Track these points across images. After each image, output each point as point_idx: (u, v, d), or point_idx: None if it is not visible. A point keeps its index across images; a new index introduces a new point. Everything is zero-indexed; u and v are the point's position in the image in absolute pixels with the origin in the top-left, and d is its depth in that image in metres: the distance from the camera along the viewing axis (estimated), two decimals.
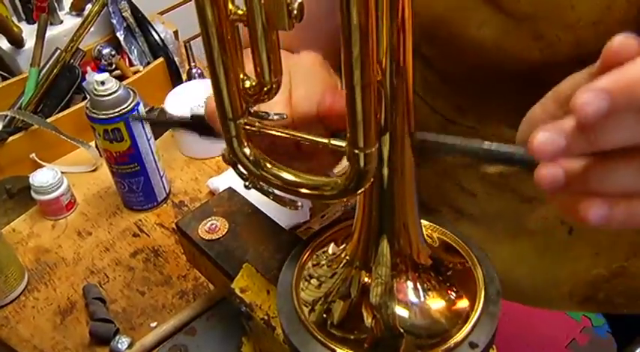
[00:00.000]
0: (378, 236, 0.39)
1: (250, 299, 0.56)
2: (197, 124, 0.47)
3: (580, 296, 0.71)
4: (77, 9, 1.05)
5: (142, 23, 1.08)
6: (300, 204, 0.39)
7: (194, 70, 1.11)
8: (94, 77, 0.78)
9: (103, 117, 0.79)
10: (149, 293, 0.79)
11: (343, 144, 0.34)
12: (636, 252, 0.66)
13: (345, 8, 0.29)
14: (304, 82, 0.39)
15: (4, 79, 1.04)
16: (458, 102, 0.26)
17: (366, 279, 0.40)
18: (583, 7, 0.46)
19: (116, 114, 0.79)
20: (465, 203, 0.68)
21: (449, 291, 0.43)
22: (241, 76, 0.34)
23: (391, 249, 0.39)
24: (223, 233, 0.64)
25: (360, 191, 0.35)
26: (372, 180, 0.35)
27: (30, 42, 1.03)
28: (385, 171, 0.36)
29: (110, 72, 1.06)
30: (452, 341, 0.41)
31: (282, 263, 0.57)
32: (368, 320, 0.40)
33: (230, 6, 0.31)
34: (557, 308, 0.73)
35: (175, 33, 1.17)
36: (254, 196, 0.69)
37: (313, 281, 0.42)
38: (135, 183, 0.87)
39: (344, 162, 0.35)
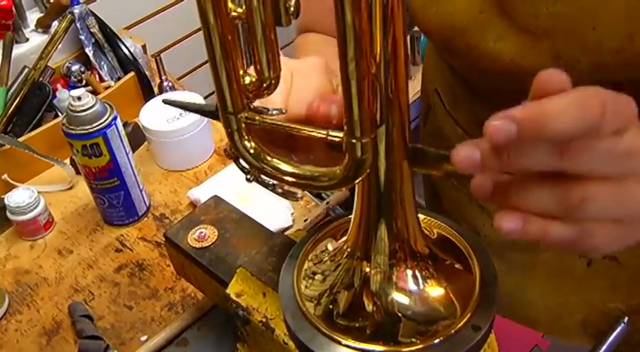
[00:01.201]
0: (376, 224, 0.40)
1: (247, 303, 0.57)
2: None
3: (594, 328, 0.71)
4: (43, 26, 1.04)
5: (110, 38, 1.07)
6: (299, 195, 0.40)
7: (165, 83, 1.10)
8: (70, 93, 0.77)
9: (81, 132, 0.78)
10: (137, 308, 0.78)
11: (341, 134, 0.35)
12: None
13: (340, 9, 0.30)
14: (301, 86, 0.41)
15: None
16: (480, 117, 0.27)
17: (367, 269, 0.41)
18: (605, 30, 0.46)
19: (94, 129, 0.78)
20: (483, 223, 0.70)
21: (447, 278, 0.44)
22: (241, 72, 0.34)
23: (389, 236, 0.40)
24: (213, 240, 0.64)
25: (357, 180, 0.36)
26: (368, 169, 0.36)
27: None
28: (382, 161, 0.37)
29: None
30: (455, 326, 0.42)
31: (276, 265, 0.58)
32: (370, 308, 0.41)
33: (230, 4, 0.31)
34: (571, 340, 0.73)
35: (144, 47, 1.17)
36: (239, 203, 0.70)
37: (318, 276, 0.43)
38: (115, 198, 0.86)
39: None
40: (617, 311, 0.69)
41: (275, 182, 0.39)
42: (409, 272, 0.41)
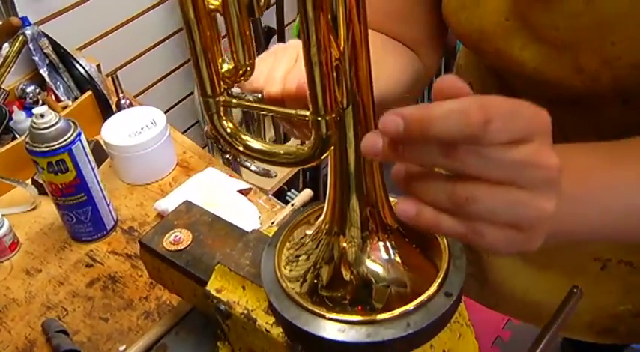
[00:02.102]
0: (348, 199, 0.43)
1: (227, 298, 0.59)
2: None
3: (600, 327, 0.73)
4: None
5: (65, 59, 1.08)
6: (273, 174, 0.43)
7: (123, 101, 1.11)
8: (33, 110, 0.78)
9: (46, 149, 0.79)
10: (112, 319, 0.79)
11: (307, 113, 0.38)
12: None
13: (302, 5, 0.33)
14: (300, 67, 0.43)
15: None
16: None
17: (343, 243, 0.44)
18: (623, 46, 0.49)
19: (60, 145, 0.79)
20: None
21: (417, 250, 0.47)
22: (219, 60, 0.37)
23: (360, 209, 0.43)
24: (188, 242, 0.66)
25: (323, 156, 0.39)
26: (332, 146, 0.39)
27: None
28: (351, 140, 0.40)
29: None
30: (428, 292, 0.45)
31: (252, 259, 0.60)
32: (348, 279, 0.44)
33: None
34: (572, 336, 0.75)
35: (98, 66, 1.18)
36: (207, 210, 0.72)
37: (302, 257, 0.46)
38: (83, 214, 0.86)
39: None
40: (627, 313, 0.71)
41: (251, 162, 0.41)
42: (381, 243, 0.44)
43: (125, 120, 0.98)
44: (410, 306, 0.44)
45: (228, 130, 0.40)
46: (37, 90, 1.06)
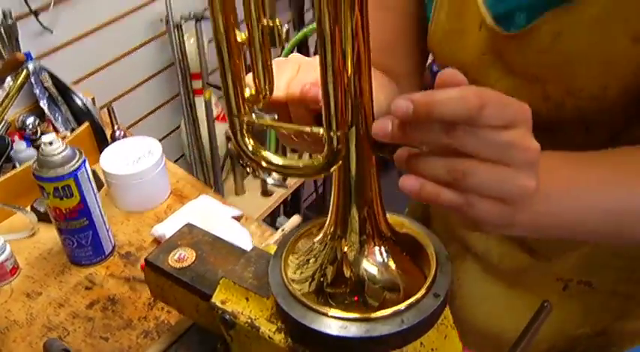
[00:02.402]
0: (349, 206, 0.48)
1: (232, 308, 0.63)
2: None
3: (557, 350, 0.77)
4: None
5: (63, 92, 1.13)
6: (286, 184, 0.48)
7: (118, 132, 1.16)
8: (42, 139, 0.83)
9: (53, 175, 0.83)
10: (113, 338, 0.82)
11: (321, 130, 0.44)
12: (622, 315, 0.73)
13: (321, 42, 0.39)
14: (303, 75, 0.49)
15: None
16: None
17: (345, 246, 0.49)
18: (584, 80, 0.56)
19: (66, 171, 0.84)
20: (471, 239, 0.78)
21: (408, 255, 0.53)
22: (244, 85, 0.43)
23: (359, 216, 0.49)
24: (192, 260, 0.71)
25: (333, 168, 0.45)
26: (341, 160, 0.45)
27: None
28: (353, 153, 0.46)
29: (36, 140, 1.09)
30: (419, 293, 0.51)
31: (255, 273, 0.65)
32: (348, 279, 0.49)
33: (237, 33, 0.40)
34: None
35: (93, 99, 1.23)
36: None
37: (311, 260, 0.51)
38: (84, 238, 0.90)
39: None
40: (584, 335, 0.75)
41: (270, 176, 0.47)
42: (377, 248, 0.50)
43: (123, 150, 1.03)
44: (402, 306, 0.50)
45: (250, 147, 0.45)
46: (37, 122, 1.10)
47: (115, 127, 1.17)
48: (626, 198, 0.49)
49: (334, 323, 0.49)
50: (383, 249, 0.51)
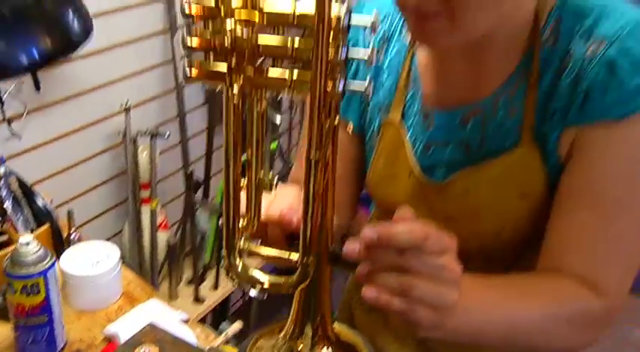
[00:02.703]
0: (308, 315, 0.62)
1: None
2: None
3: None
4: None
5: (27, 193, 1.22)
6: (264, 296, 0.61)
7: (73, 235, 1.25)
8: (20, 239, 0.92)
9: (25, 273, 0.92)
10: None
11: (296, 257, 0.59)
12: None
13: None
14: (279, 200, 0.63)
15: None
16: None
17: (301, 345, 0.62)
18: (485, 224, 0.74)
19: (37, 270, 0.92)
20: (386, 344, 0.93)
21: None
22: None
23: (313, 323, 0.62)
24: None
25: (305, 283, 0.59)
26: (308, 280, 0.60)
27: None
28: (316, 277, 0.61)
29: None
30: None
31: None
32: None
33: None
34: None
35: (51, 201, 1.32)
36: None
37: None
38: (40, 334, 0.96)
39: None
40: None
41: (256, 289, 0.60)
42: (324, 348, 0.63)
43: (82, 252, 1.12)
44: None
45: (240, 268, 0.59)
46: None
47: (72, 230, 1.25)
48: (520, 313, 0.66)
49: None
50: (330, 349, 0.64)
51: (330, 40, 0.46)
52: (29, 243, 0.92)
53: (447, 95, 0.77)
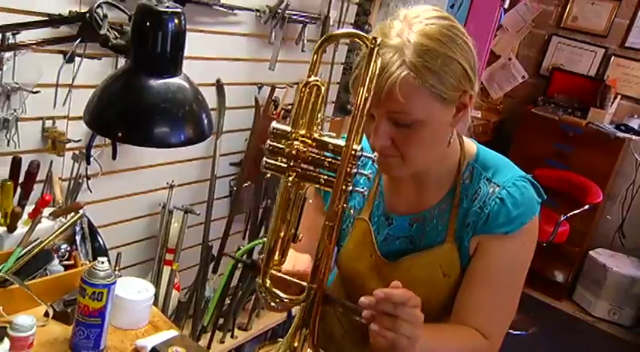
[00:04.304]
0: (305, 327, 0.97)
1: None
2: (253, 267, 1.03)
3: None
4: (55, 216, 1.54)
5: (93, 232, 1.59)
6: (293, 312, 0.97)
7: (117, 272, 1.60)
8: (98, 258, 1.28)
9: (96, 282, 1.27)
10: None
11: (301, 298, 0.95)
12: None
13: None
14: (300, 262, 1.00)
15: None
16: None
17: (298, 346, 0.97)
18: (418, 292, 0.99)
19: (105, 282, 1.28)
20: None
21: None
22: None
23: (307, 335, 0.98)
24: None
25: (307, 301, 0.96)
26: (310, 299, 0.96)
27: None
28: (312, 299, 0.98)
29: (63, 260, 1.52)
30: None
31: None
32: None
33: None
34: None
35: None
36: None
37: None
38: (93, 333, 1.30)
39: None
40: None
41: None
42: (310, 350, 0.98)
43: (127, 284, 1.47)
44: None
45: (267, 285, 0.96)
46: (68, 249, 1.54)
47: (118, 268, 1.61)
48: (447, 346, 1.03)
49: None
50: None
51: (349, 162, 0.87)
52: (104, 263, 1.29)
53: (401, 206, 1.17)
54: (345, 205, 0.89)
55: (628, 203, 4.13)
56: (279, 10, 2.07)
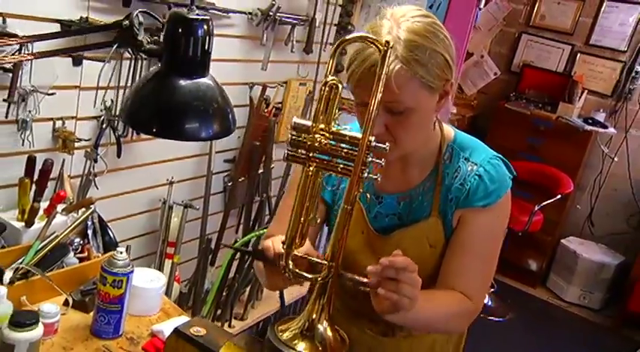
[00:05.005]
0: (323, 299, 1.08)
1: None
2: (257, 253, 1.14)
3: None
4: (67, 212, 1.62)
5: (103, 227, 1.67)
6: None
7: None
8: (118, 248, 1.37)
9: (117, 271, 1.36)
10: None
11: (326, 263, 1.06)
12: None
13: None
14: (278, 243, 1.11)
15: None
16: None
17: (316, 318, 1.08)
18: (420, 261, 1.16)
19: (124, 271, 1.36)
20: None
21: (338, 333, 1.12)
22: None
23: (324, 308, 1.09)
24: (205, 333, 1.23)
25: (323, 278, 1.06)
26: (328, 277, 1.07)
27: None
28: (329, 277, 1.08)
29: (77, 253, 1.60)
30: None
31: (245, 343, 1.19)
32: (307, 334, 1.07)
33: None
34: None
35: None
36: None
37: (294, 324, 1.08)
38: (113, 318, 1.38)
39: None
40: None
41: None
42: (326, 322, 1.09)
43: (140, 274, 1.56)
44: None
45: (290, 266, 1.06)
46: (81, 242, 1.62)
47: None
48: (435, 310, 1.16)
49: None
50: (329, 328, 1.10)
51: (365, 152, 0.98)
52: (122, 253, 1.38)
53: (389, 186, 1.29)
54: (360, 191, 1.00)
55: (596, 193, 4.34)
56: (271, 13, 2.17)
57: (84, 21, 1.53)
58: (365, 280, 1.07)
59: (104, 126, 1.76)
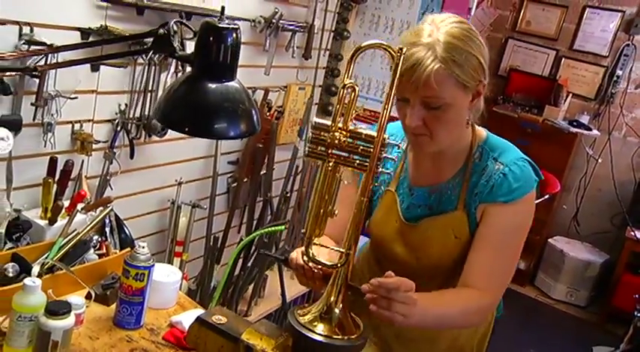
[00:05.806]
0: (339, 286, 1.17)
1: (253, 342, 1.24)
2: (285, 261, 1.23)
3: None
4: (86, 211, 1.69)
5: (119, 225, 1.75)
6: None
7: None
8: (138, 242, 1.45)
9: (139, 264, 1.43)
10: None
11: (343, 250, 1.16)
12: None
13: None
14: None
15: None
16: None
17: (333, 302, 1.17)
18: (433, 252, 1.32)
19: (146, 265, 1.44)
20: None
21: (355, 321, 1.21)
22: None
23: (341, 294, 1.18)
24: (226, 321, 1.32)
25: (341, 266, 1.16)
26: (343, 264, 1.16)
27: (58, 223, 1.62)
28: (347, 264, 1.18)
29: (96, 249, 1.67)
30: (357, 335, 1.19)
31: (266, 329, 1.27)
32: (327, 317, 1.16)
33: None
34: None
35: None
36: None
37: (313, 309, 1.17)
38: (135, 310, 1.46)
39: None
40: None
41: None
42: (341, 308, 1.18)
43: (158, 268, 1.64)
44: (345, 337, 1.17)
45: (311, 254, 1.15)
46: (99, 239, 1.69)
47: None
48: (444, 311, 1.24)
49: (319, 337, 1.15)
50: (345, 312, 1.19)
51: (380, 148, 1.08)
52: (144, 247, 1.46)
53: (422, 179, 1.40)
54: (375, 184, 1.10)
55: (581, 193, 4.48)
56: (274, 20, 2.26)
57: (103, 29, 1.61)
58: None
59: (119, 128, 1.84)
